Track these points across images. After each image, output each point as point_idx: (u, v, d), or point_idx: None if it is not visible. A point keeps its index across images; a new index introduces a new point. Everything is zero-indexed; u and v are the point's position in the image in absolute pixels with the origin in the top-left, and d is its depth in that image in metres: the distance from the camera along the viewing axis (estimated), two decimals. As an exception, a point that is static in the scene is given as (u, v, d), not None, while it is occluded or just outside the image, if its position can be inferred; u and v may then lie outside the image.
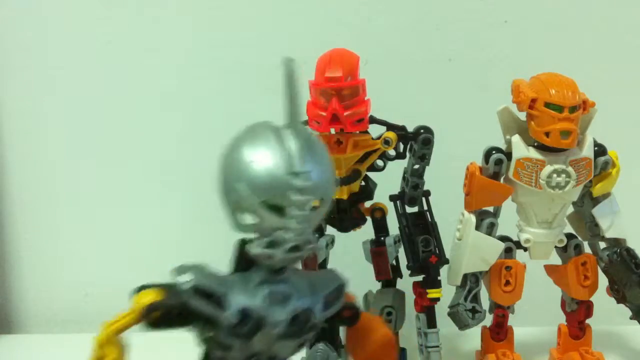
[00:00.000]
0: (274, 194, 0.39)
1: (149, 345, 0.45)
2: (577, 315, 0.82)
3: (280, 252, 0.39)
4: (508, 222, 0.80)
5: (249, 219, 0.40)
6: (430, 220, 0.81)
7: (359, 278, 0.84)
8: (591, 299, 0.81)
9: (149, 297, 0.41)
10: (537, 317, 0.90)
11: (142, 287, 0.42)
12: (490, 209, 0.79)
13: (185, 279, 0.41)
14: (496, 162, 0.75)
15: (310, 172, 0.39)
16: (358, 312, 0.45)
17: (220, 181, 0.41)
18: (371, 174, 0.81)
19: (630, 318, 0.80)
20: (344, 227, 0.81)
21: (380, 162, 0.79)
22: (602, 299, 0.81)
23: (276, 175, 0.38)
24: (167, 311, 0.41)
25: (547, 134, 0.71)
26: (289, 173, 0.38)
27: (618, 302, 0.80)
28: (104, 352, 0.42)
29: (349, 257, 0.85)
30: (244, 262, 0.41)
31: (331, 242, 0.81)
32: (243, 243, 0.42)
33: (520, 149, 0.74)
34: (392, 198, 0.82)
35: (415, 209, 0.82)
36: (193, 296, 0.40)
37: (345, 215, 0.80)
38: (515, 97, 0.74)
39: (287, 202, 0.38)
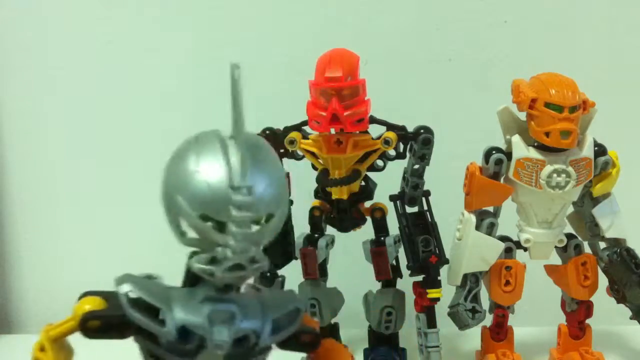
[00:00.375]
0: (213, 208, 0.36)
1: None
2: (577, 315, 0.82)
3: (220, 269, 0.37)
4: (508, 222, 0.80)
5: (190, 232, 0.38)
6: (430, 220, 0.81)
7: (359, 278, 0.85)
8: (591, 299, 0.81)
9: (89, 305, 0.40)
10: (537, 317, 0.90)
11: (85, 294, 0.42)
12: (490, 209, 0.79)
13: (125, 290, 0.39)
14: (496, 162, 0.75)
15: (252, 186, 0.36)
16: (318, 338, 0.42)
17: (162, 191, 0.39)
18: (371, 174, 0.81)
19: (630, 318, 0.80)
20: (344, 227, 0.81)
21: (380, 162, 0.79)
22: (602, 299, 0.81)
23: (215, 189, 0.36)
24: (105, 321, 0.39)
25: (547, 134, 0.71)
26: (229, 187, 0.36)
27: (618, 302, 0.80)
28: (41, 356, 0.41)
29: (349, 257, 0.85)
30: (192, 276, 0.39)
31: (331, 242, 0.81)
32: (191, 256, 0.40)
33: (520, 149, 0.74)
34: (392, 198, 0.82)
35: (415, 209, 0.82)
36: (131, 308, 0.39)
37: (345, 215, 0.80)
38: (515, 97, 0.74)
39: (227, 217, 0.36)
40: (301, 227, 0.82)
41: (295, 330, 0.41)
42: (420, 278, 0.80)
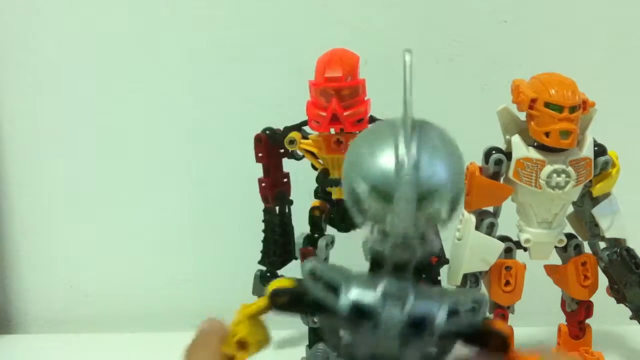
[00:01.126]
0: (381, 182, 0.36)
1: (149, 346, 0.45)
2: (577, 315, 0.82)
3: (387, 246, 0.37)
4: (508, 222, 0.80)
5: (363, 209, 0.38)
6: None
7: (359, 278, 0.85)
8: (591, 299, 0.81)
9: (278, 284, 0.41)
10: (537, 317, 0.90)
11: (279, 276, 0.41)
12: (490, 209, 0.79)
13: (308, 266, 0.40)
14: (496, 162, 0.75)
15: (415, 163, 0.36)
16: (506, 342, 0.39)
17: (343, 174, 0.39)
18: (371, 174, 0.80)
19: (630, 318, 0.80)
20: (344, 227, 0.81)
21: (380, 162, 0.79)
22: (602, 299, 0.81)
23: (384, 164, 0.36)
24: (291, 297, 0.40)
25: (547, 134, 0.71)
26: (398, 163, 0.36)
27: (618, 302, 0.80)
28: (235, 331, 0.42)
29: (349, 257, 0.85)
30: (373, 264, 0.40)
31: (331, 242, 0.81)
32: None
33: (520, 149, 0.74)
34: (392, 198, 0.82)
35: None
36: (310, 280, 0.39)
37: (346, 215, 0.80)
38: (515, 97, 0.74)
39: (393, 191, 0.36)
40: (301, 227, 0.82)
41: (479, 327, 0.39)
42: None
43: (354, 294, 0.38)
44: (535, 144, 0.74)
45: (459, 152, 0.39)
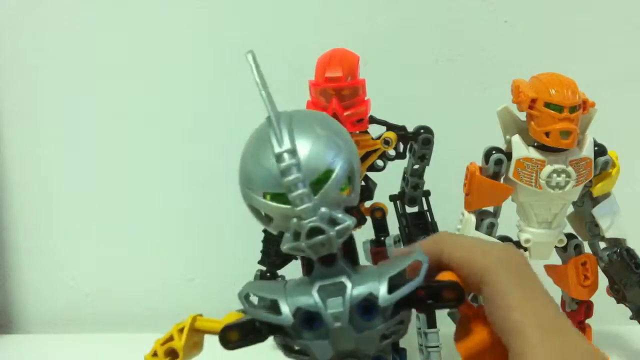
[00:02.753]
0: (267, 183, 0.36)
1: (149, 346, 0.45)
2: (577, 315, 0.82)
3: (303, 241, 0.36)
4: (508, 222, 0.80)
5: (268, 218, 0.38)
6: (430, 220, 0.81)
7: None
8: (591, 299, 0.81)
9: (226, 321, 0.40)
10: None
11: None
12: (490, 209, 0.79)
13: (243, 293, 0.39)
14: (496, 162, 0.75)
15: (293, 148, 0.35)
16: (461, 290, 0.38)
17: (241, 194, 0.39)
18: (371, 174, 0.81)
19: (630, 318, 0.80)
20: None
21: (380, 162, 0.79)
22: (602, 299, 0.81)
23: (263, 163, 0.36)
24: (242, 329, 0.39)
25: (547, 134, 0.71)
26: (274, 158, 0.35)
27: (618, 302, 0.80)
28: (176, 336, 0.42)
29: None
30: (306, 266, 0.39)
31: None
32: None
33: (520, 149, 0.74)
34: (392, 198, 0.82)
35: (415, 209, 0.82)
36: (250, 307, 0.39)
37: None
38: (515, 97, 0.74)
39: (281, 188, 0.35)
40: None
41: (424, 284, 0.38)
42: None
43: (292, 304, 0.38)
44: (536, 144, 0.74)
45: (336, 126, 0.38)
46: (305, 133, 0.37)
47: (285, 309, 0.37)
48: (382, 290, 0.37)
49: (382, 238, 0.80)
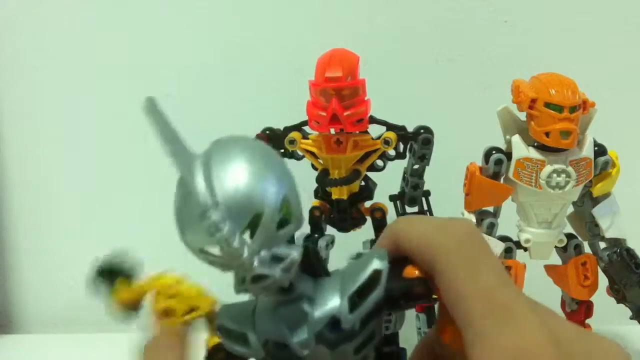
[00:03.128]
0: (194, 242, 0.34)
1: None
2: (577, 315, 0.82)
3: (249, 285, 0.34)
4: (508, 222, 0.80)
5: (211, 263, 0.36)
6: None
7: (359, 278, 0.85)
8: (591, 299, 0.81)
9: (214, 342, 0.40)
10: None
11: None
12: (490, 209, 0.79)
13: (218, 323, 0.39)
14: (496, 162, 0.75)
15: (214, 203, 0.32)
16: (427, 285, 0.37)
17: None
18: (371, 174, 0.81)
19: (630, 318, 0.80)
20: (344, 227, 0.81)
21: (380, 162, 0.79)
22: (602, 299, 0.81)
23: (189, 223, 0.34)
24: (227, 352, 0.39)
25: (547, 134, 0.71)
26: (198, 215, 0.33)
27: (618, 302, 0.80)
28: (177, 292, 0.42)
29: (349, 257, 0.85)
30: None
31: (331, 242, 0.81)
32: None
33: (520, 149, 0.74)
34: (392, 198, 0.82)
35: (415, 209, 0.82)
36: (226, 339, 0.38)
37: (345, 215, 0.80)
38: (515, 97, 0.74)
39: (211, 244, 0.33)
40: (301, 227, 0.82)
41: (390, 291, 0.37)
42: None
43: (261, 334, 0.37)
44: (536, 144, 0.74)
45: (259, 154, 0.35)
46: (225, 179, 0.33)
47: (255, 341, 0.37)
48: (342, 310, 0.36)
49: (382, 238, 0.80)
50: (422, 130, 0.77)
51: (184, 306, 0.42)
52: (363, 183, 0.80)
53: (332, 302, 0.36)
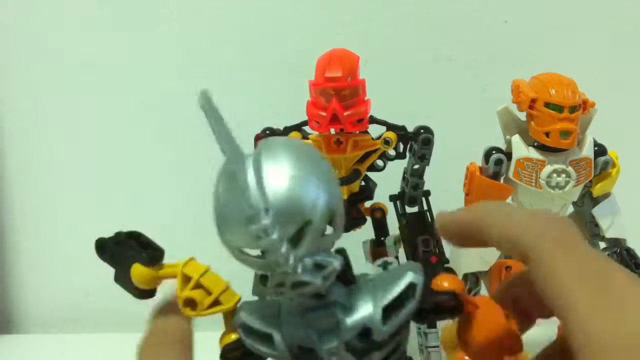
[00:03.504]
0: (241, 243, 0.33)
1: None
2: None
3: (287, 291, 0.34)
4: (508, 222, 0.80)
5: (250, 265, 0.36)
6: (430, 220, 0.81)
7: (359, 278, 0.85)
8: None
9: (228, 340, 0.39)
10: (537, 317, 0.90)
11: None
12: (490, 209, 0.79)
13: (240, 321, 0.38)
14: (496, 162, 0.75)
15: (266, 209, 0.31)
16: (458, 299, 0.37)
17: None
18: (371, 174, 0.81)
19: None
20: (344, 227, 0.81)
21: (380, 162, 0.79)
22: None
23: (234, 223, 0.32)
24: (243, 350, 0.39)
25: (547, 134, 0.71)
26: (245, 218, 0.32)
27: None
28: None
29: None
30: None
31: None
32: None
33: (520, 149, 0.74)
34: (392, 198, 0.82)
35: (415, 209, 0.82)
36: (247, 338, 0.38)
37: (345, 215, 0.80)
38: (515, 97, 0.74)
39: (258, 247, 0.33)
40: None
41: (422, 304, 0.36)
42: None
43: (288, 337, 0.36)
44: (536, 144, 0.74)
45: (312, 160, 0.34)
46: (277, 183, 0.32)
47: (280, 343, 0.36)
48: (376, 321, 0.36)
49: (382, 238, 0.80)
50: (422, 130, 0.77)
51: (209, 300, 0.41)
52: (363, 183, 0.80)
53: (365, 311, 0.36)
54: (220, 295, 0.41)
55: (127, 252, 0.44)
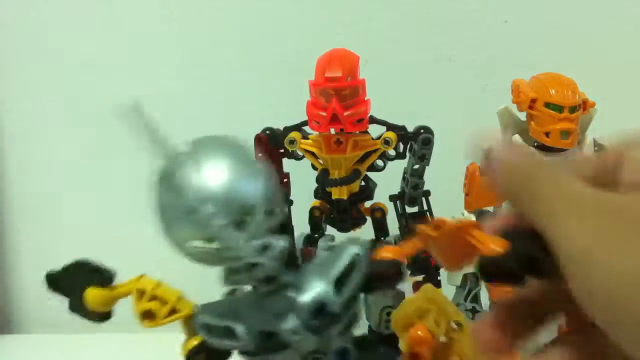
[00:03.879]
0: (192, 234, 0.36)
1: (149, 346, 0.45)
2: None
3: (242, 277, 0.36)
4: (508, 222, 0.80)
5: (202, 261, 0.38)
6: (430, 220, 0.81)
7: (359, 278, 0.85)
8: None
9: (190, 345, 0.41)
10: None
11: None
12: (490, 208, 0.79)
13: (199, 322, 0.39)
14: (496, 162, 0.74)
15: (208, 196, 0.35)
16: (399, 267, 0.39)
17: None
18: (371, 174, 0.81)
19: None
20: (344, 227, 0.81)
21: (380, 162, 0.79)
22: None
23: (180, 215, 0.36)
24: (207, 351, 0.40)
25: (547, 134, 0.71)
26: (188, 210, 0.35)
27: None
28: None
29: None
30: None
31: (331, 242, 0.81)
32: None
33: (520, 149, 0.74)
34: (392, 198, 0.82)
35: (415, 209, 0.82)
36: (207, 335, 0.39)
37: (345, 215, 0.80)
38: (515, 97, 0.74)
39: (207, 235, 0.35)
40: (301, 227, 0.82)
41: (368, 273, 0.38)
42: (420, 278, 0.79)
43: (250, 327, 0.38)
44: (536, 144, 0.74)
45: (242, 151, 0.38)
46: (215, 175, 0.36)
47: (242, 332, 0.37)
48: (329, 295, 0.37)
49: (382, 238, 0.80)
50: (422, 130, 0.77)
51: (166, 309, 0.43)
52: (363, 183, 0.80)
53: (317, 287, 0.38)
54: (176, 304, 0.43)
55: (78, 279, 0.45)
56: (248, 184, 0.36)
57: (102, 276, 0.44)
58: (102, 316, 0.45)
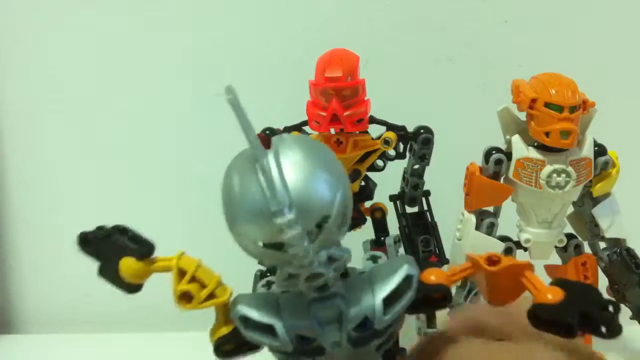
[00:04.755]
0: (261, 235, 0.34)
1: (149, 346, 0.45)
2: (577, 315, 0.82)
3: (300, 283, 0.35)
4: (508, 222, 0.80)
5: (260, 259, 0.37)
6: (430, 220, 0.81)
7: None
8: (591, 299, 0.81)
9: (219, 334, 0.40)
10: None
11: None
12: (490, 209, 0.79)
13: (237, 314, 0.39)
14: (496, 162, 0.75)
15: (290, 202, 0.32)
16: (447, 291, 0.39)
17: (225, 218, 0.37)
18: (371, 174, 0.81)
19: (630, 318, 0.79)
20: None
21: (380, 162, 0.79)
22: (602, 299, 0.81)
23: (257, 215, 0.33)
24: (236, 342, 0.40)
25: (547, 134, 0.71)
26: (270, 211, 0.33)
27: (618, 302, 0.80)
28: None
29: (349, 257, 0.85)
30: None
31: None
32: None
33: (520, 149, 0.74)
34: (392, 198, 0.82)
35: (415, 209, 0.82)
36: (245, 329, 0.39)
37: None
38: (515, 97, 0.74)
39: (278, 239, 0.33)
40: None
41: (416, 295, 0.38)
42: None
43: (290, 329, 0.37)
44: (536, 144, 0.74)
45: (325, 156, 0.36)
46: (298, 179, 0.34)
47: (283, 334, 0.37)
48: (377, 312, 0.37)
49: (382, 238, 0.80)
50: (422, 130, 0.77)
51: (204, 293, 0.41)
52: (363, 183, 0.80)
53: (366, 302, 0.38)
54: (215, 288, 0.42)
55: (115, 245, 0.44)
56: (330, 194, 0.35)
57: (141, 247, 0.43)
58: (133, 288, 0.43)
